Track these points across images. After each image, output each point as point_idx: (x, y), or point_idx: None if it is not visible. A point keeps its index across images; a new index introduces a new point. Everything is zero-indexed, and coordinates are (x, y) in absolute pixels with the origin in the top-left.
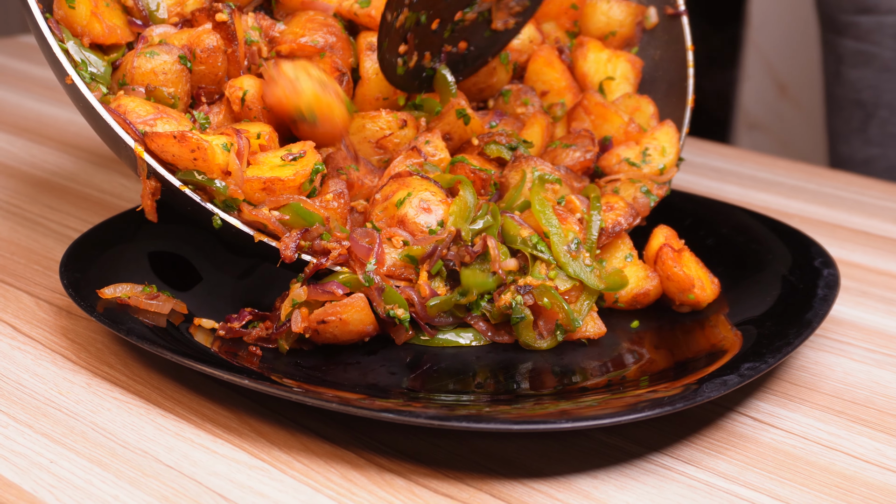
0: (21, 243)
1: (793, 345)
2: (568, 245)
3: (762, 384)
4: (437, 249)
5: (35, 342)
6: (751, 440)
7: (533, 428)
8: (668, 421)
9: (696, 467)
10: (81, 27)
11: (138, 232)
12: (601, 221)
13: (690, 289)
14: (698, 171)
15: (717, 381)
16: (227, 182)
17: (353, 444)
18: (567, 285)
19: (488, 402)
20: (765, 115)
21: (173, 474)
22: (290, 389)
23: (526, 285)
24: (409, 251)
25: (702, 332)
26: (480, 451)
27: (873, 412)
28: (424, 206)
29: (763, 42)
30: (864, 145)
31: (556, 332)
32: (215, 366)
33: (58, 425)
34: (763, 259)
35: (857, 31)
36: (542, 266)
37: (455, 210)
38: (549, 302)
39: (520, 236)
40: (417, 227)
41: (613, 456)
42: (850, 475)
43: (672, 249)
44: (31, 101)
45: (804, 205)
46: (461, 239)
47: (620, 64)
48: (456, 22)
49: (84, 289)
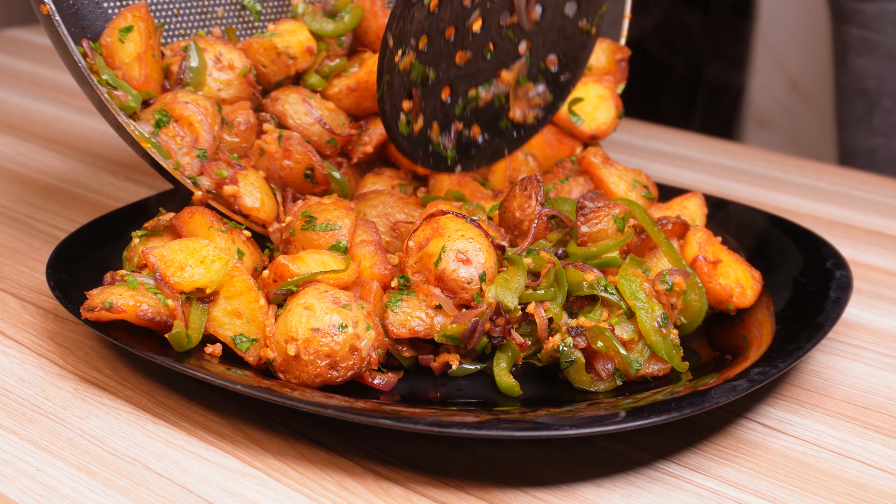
0: (6, 244)
1: (804, 349)
2: (657, 321)
3: (773, 389)
4: (477, 326)
5: (21, 346)
6: (760, 447)
7: (535, 435)
8: (675, 427)
9: (703, 475)
10: (121, 62)
11: (126, 232)
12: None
13: (729, 299)
14: (706, 170)
15: (725, 387)
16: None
17: (350, 452)
18: (628, 334)
19: (489, 408)
20: (775, 111)
21: (164, 482)
22: (285, 396)
23: (578, 326)
24: (446, 331)
25: (710, 336)
26: (481, 459)
27: (887, 418)
28: (462, 256)
29: (773, 36)
30: (869, 135)
31: (616, 376)
32: (207, 371)
33: (44, 432)
34: (774, 260)
35: (862, 19)
36: (603, 309)
37: (500, 282)
38: (604, 346)
39: (585, 282)
40: (458, 283)
41: (618, 463)
42: (863, 483)
43: (706, 262)
44: (17, 97)
45: (815, 204)
46: (505, 310)
47: (591, 87)
48: (469, 99)
49: (71, 291)
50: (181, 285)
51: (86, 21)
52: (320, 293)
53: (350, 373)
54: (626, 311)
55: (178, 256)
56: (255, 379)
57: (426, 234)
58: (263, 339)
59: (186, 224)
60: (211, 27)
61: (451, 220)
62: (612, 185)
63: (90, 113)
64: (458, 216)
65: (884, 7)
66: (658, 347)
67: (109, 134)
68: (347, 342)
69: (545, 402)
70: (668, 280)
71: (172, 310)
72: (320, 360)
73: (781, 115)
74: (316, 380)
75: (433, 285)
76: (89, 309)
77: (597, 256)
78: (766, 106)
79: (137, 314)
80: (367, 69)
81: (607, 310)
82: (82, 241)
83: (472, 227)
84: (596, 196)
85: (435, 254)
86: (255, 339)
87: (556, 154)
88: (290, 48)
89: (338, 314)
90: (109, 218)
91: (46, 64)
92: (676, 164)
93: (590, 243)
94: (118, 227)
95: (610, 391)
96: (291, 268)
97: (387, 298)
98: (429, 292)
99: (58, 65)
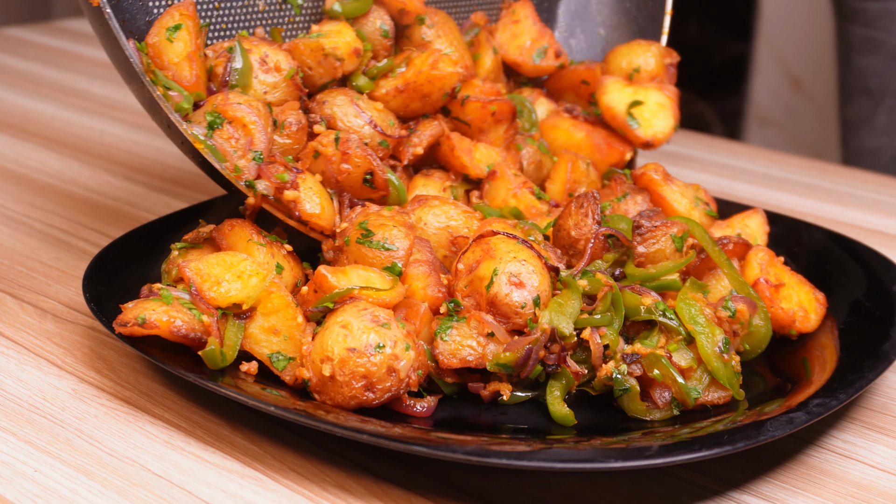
0: (3, 243)
1: (867, 379)
2: (718, 346)
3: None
4: (531, 354)
5: (19, 346)
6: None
7: (572, 467)
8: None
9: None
10: (169, 62)
11: (167, 243)
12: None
13: (791, 324)
14: (708, 169)
15: (782, 419)
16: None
17: (350, 453)
18: (686, 362)
19: (541, 436)
20: (777, 110)
21: (162, 483)
22: (320, 419)
23: (633, 353)
24: (499, 359)
25: (770, 360)
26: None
27: None
28: (515, 280)
29: (776, 34)
30: (872, 134)
31: (673, 405)
32: (241, 391)
33: (42, 433)
34: (836, 282)
35: (865, 17)
36: (660, 336)
37: (554, 307)
38: (661, 374)
39: (643, 306)
40: (511, 307)
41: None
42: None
43: (768, 285)
44: (15, 97)
45: (818, 204)
46: (560, 337)
47: (652, 93)
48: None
49: (106, 303)
50: (217, 300)
51: (126, 14)
52: (359, 311)
53: (387, 395)
54: (686, 337)
55: (215, 270)
56: (291, 400)
57: (476, 256)
58: (300, 358)
59: (226, 237)
60: (253, 27)
61: (503, 241)
62: (674, 203)
63: (88, 112)
64: (510, 237)
65: (888, 6)
66: (719, 374)
67: (108, 133)
68: (385, 363)
69: (598, 431)
70: (730, 307)
71: (207, 326)
72: (356, 381)
73: (784, 114)
74: (351, 402)
75: (484, 310)
76: (122, 324)
77: (655, 278)
78: (768, 105)
79: (171, 330)
80: (416, 69)
81: (665, 336)
82: (119, 252)
83: (525, 249)
84: (653, 214)
85: (486, 277)
86: (291, 358)
87: (606, 159)
88: (338, 49)
89: (375, 333)
90: (150, 228)
91: (45, 63)
92: (678, 164)
93: (647, 264)
94: (161, 239)
95: (666, 419)
96: (331, 280)
97: (436, 325)
98: (481, 319)
99: (56, 64)
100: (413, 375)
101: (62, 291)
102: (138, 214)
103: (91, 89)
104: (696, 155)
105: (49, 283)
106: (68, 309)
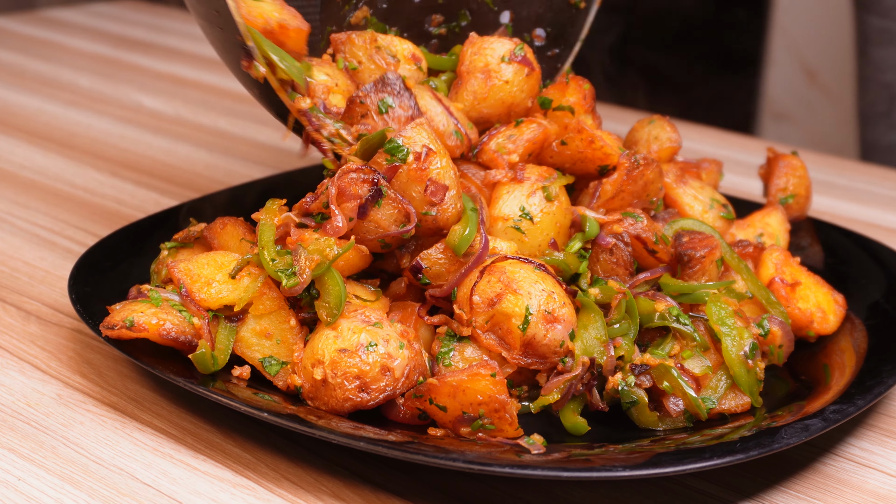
0: None
1: (886, 385)
2: (744, 350)
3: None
4: (571, 390)
5: (1, 350)
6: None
7: (578, 476)
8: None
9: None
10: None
11: (156, 242)
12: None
13: (809, 325)
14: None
15: (797, 426)
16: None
17: (345, 461)
18: (700, 369)
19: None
20: (792, 104)
21: (151, 493)
22: (314, 425)
23: (642, 364)
24: (543, 403)
25: (789, 362)
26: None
27: None
28: (549, 317)
29: (791, 25)
30: (889, 130)
31: (685, 417)
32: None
33: (26, 440)
34: (855, 283)
35: (882, 8)
36: (674, 342)
37: (583, 336)
38: (671, 386)
39: (656, 312)
40: (550, 348)
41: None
42: None
43: (784, 284)
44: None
45: (834, 201)
46: (597, 367)
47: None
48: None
49: (93, 305)
50: (208, 302)
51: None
52: (348, 312)
53: (382, 395)
54: (701, 343)
55: (206, 271)
56: (284, 406)
57: (494, 289)
58: (292, 364)
59: (218, 236)
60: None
61: (518, 267)
62: (687, 207)
63: (74, 105)
64: (523, 261)
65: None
66: (741, 380)
67: (94, 127)
68: (378, 362)
69: (607, 438)
70: (765, 326)
71: (198, 329)
72: (349, 382)
73: (799, 108)
74: (345, 404)
75: (517, 351)
76: (109, 327)
77: (692, 292)
78: (782, 98)
79: (160, 333)
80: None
81: (679, 342)
82: (107, 252)
83: (546, 276)
84: (693, 238)
85: (515, 315)
86: (284, 363)
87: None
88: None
89: (367, 333)
90: (139, 226)
91: (29, 54)
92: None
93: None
94: (150, 237)
95: (678, 429)
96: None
97: (437, 347)
98: (519, 363)
99: (41, 55)
100: (414, 375)
101: (47, 292)
102: (126, 212)
103: (77, 81)
104: (707, 150)
105: (33, 284)
106: (53, 311)
